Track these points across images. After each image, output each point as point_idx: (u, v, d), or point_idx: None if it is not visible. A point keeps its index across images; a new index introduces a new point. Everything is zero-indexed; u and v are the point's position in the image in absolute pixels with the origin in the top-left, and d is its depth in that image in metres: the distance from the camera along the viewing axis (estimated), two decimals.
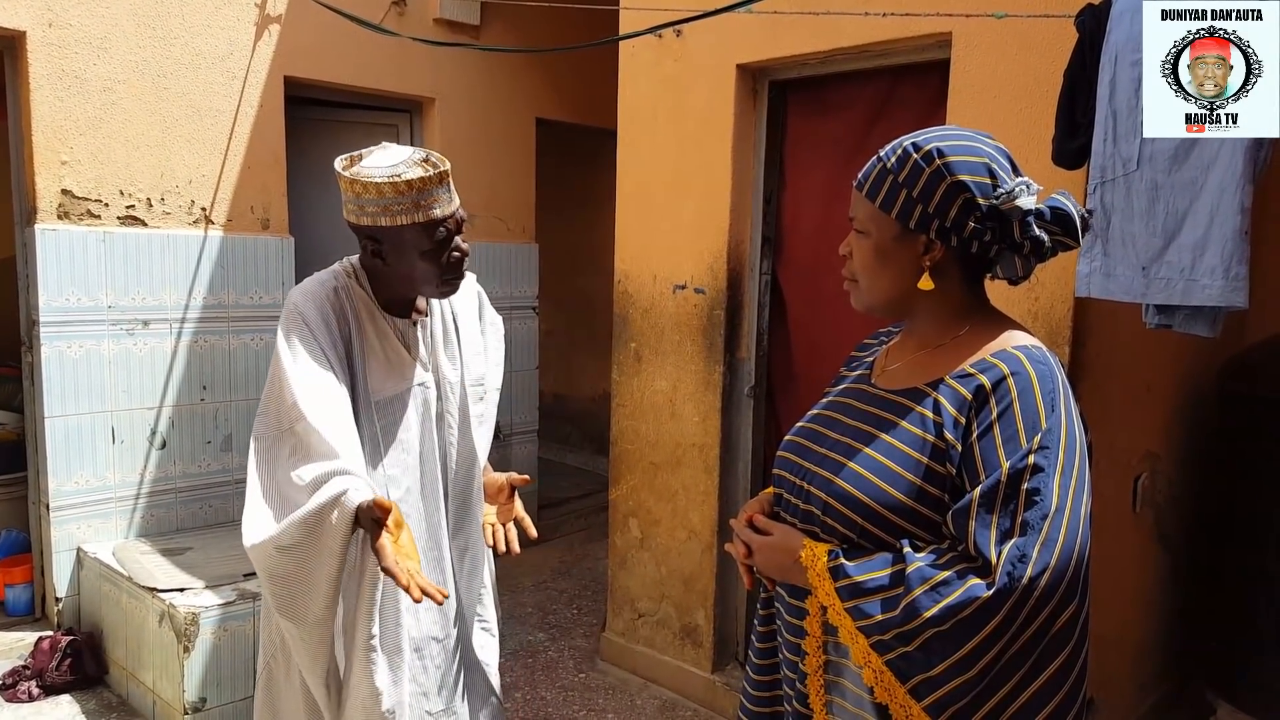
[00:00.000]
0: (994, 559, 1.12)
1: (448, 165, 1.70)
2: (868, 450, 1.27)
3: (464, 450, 1.91)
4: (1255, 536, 3.02)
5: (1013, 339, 1.26)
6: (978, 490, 1.15)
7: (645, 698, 3.41)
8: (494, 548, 1.93)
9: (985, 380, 1.20)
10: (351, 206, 1.68)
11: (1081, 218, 1.25)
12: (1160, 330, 2.00)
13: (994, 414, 1.18)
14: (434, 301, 1.89)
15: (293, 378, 1.63)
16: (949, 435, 1.20)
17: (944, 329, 1.31)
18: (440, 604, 1.47)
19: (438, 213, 1.66)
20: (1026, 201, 1.21)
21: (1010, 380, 1.18)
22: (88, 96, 3.47)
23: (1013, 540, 1.12)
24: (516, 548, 1.91)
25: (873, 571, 1.20)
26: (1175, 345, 2.86)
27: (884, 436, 1.27)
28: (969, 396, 1.21)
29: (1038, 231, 1.23)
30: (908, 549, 1.19)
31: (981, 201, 1.22)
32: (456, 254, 1.74)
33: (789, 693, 1.39)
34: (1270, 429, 2.98)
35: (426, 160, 1.67)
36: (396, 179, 1.62)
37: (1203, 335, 1.91)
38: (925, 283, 1.27)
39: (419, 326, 1.85)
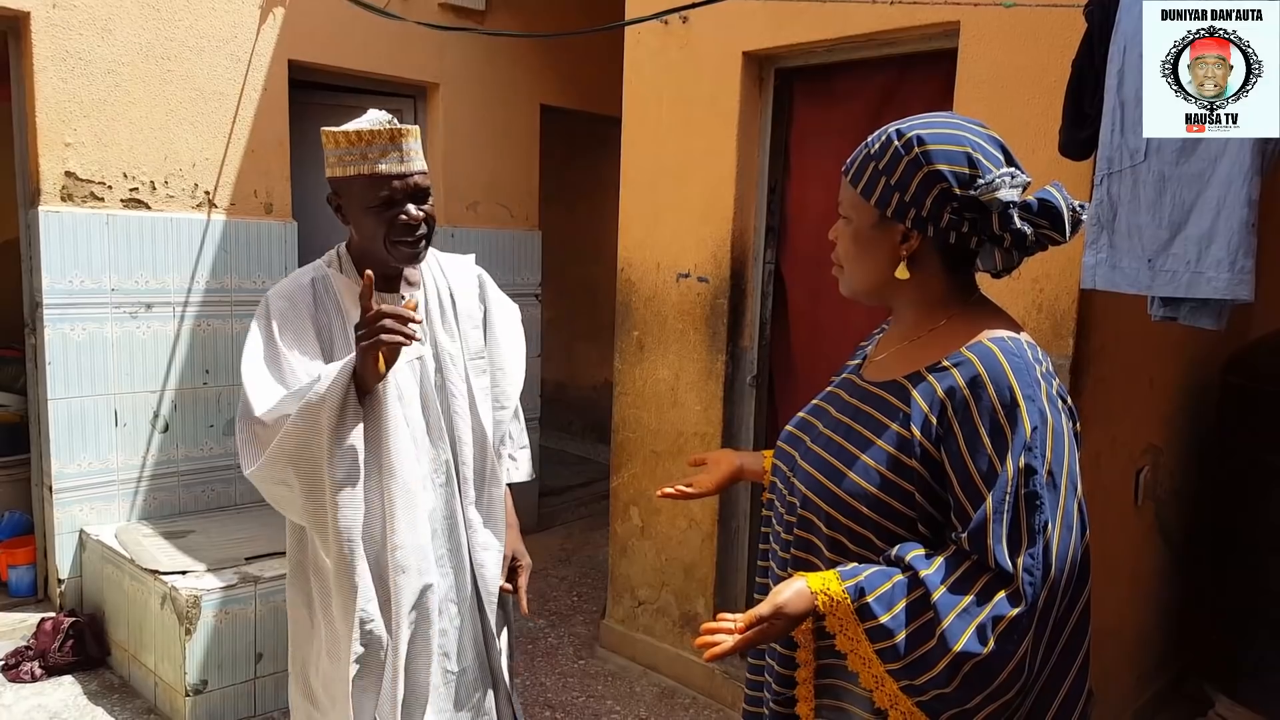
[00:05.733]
0: (1011, 568, 1.12)
1: (407, 128, 1.72)
2: (843, 442, 1.28)
3: (474, 424, 1.93)
4: (1256, 531, 3.02)
5: (988, 331, 1.22)
6: (989, 502, 1.13)
7: (644, 685, 3.43)
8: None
9: (959, 377, 1.18)
10: (326, 161, 1.74)
11: (1073, 211, 1.19)
12: (1164, 323, 1.99)
13: (974, 414, 1.15)
14: (428, 276, 1.92)
15: (247, 376, 1.72)
16: (916, 430, 1.19)
17: (924, 320, 1.29)
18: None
19: (383, 168, 1.70)
20: (1008, 194, 1.16)
21: (984, 376, 1.16)
22: (92, 78, 3.47)
23: (1024, 550, 1.12)
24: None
25: (894, 607, 1.16)
26: (1179, 338, 2.86)
27: (860, 429, 1.27)
28: (942, 394, 1.19)
29: (1019, 224, 1.17)
30: (925, 572, 1.15)
31: (959, 192, 1.18)
32: (404, 217, 1.74)
33: (766, 695, 1.41)
34: (1273, 423, 2.97)
35: (389, 122, 1.72)
36: (346, 131, 1.68)
37: (1208, 328, 1.91)
38: (902, 272, 1.25)
39: (406, 300, 1.86)
